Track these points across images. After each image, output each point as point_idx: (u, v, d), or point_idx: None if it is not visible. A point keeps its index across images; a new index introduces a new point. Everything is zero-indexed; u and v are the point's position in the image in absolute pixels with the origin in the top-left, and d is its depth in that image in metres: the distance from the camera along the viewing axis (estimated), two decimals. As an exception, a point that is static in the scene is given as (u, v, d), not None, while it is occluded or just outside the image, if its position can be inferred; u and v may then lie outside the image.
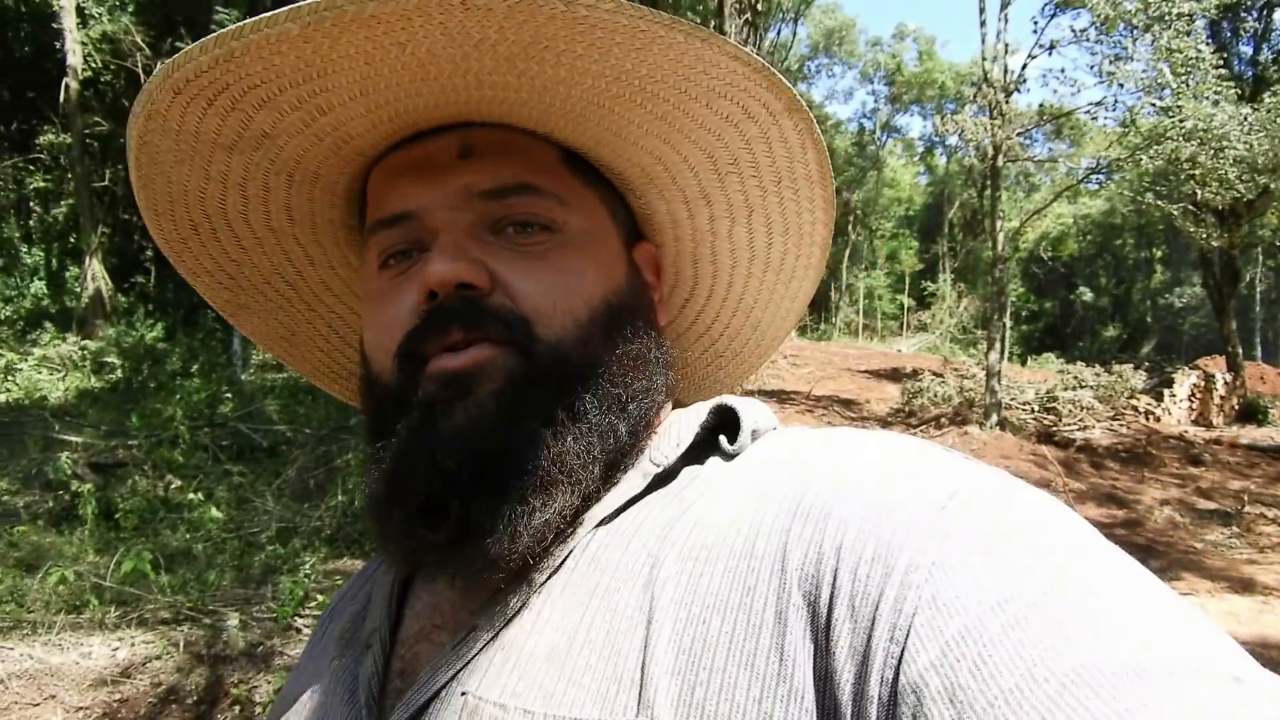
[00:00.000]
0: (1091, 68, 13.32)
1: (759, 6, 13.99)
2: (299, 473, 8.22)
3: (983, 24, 14.29)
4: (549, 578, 0.59)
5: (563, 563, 0.59)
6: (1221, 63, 12.54)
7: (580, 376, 0.62)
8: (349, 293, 0.82)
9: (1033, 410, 14.89)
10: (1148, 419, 15.10)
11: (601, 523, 0.61)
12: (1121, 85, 12.88)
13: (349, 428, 9.81)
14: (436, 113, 0.63)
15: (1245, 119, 11.48)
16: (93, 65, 16.01)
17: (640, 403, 0.64)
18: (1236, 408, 16.94)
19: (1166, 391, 16.15)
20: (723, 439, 0.63)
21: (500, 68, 0.57)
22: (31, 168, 17.54)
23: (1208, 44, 12.57)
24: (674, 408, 0.72)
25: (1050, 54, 13.57)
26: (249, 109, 0.60)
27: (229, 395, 11.31)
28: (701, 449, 0.64)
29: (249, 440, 9.36)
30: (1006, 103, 13.58)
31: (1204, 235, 15.17)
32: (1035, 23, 13.63)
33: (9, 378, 11.55)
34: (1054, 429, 13.80)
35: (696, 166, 0.68)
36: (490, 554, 0.57)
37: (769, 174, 0.68)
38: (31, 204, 17.67)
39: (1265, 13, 17.53)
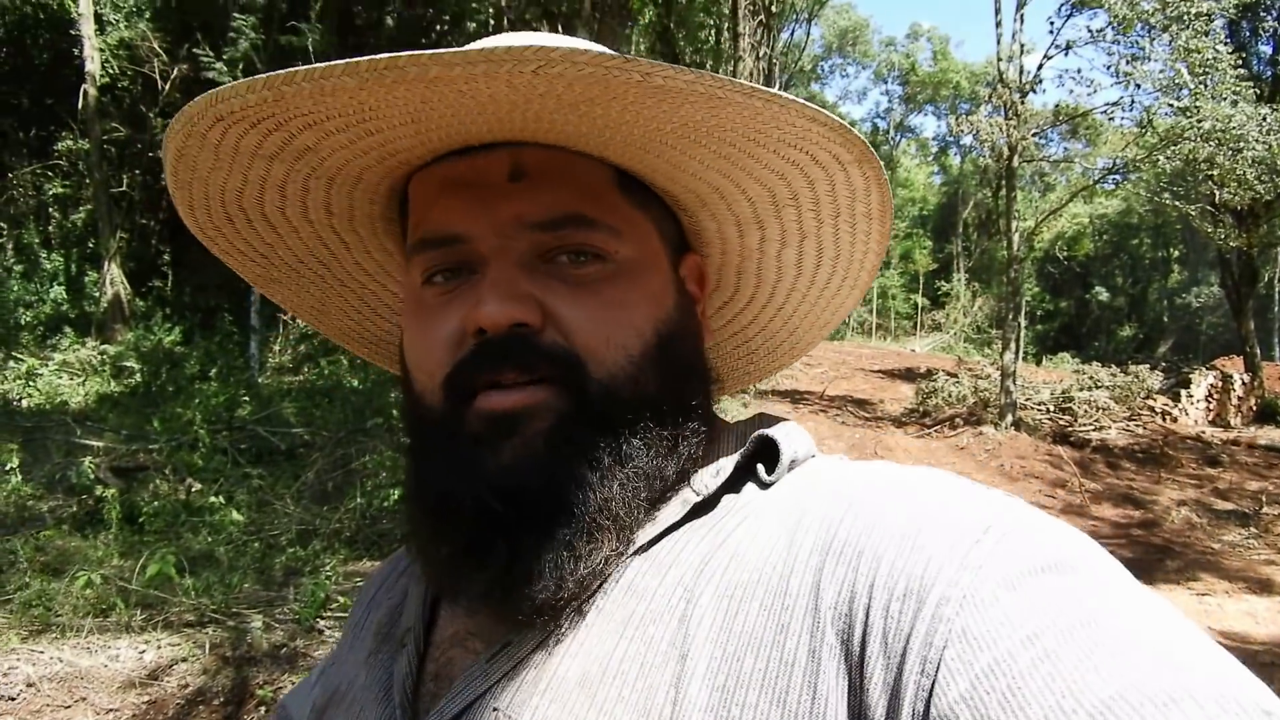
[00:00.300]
0: (1108, 68, 13.25)
1: (773, 8, 13.99)
2: (317, 475, 8.28)
3: (998, 24, 14.25)
4: (583, 603, 0.59)
5: (598, 588, 0.59)
6: (1240, 63, 12.45)
7: (631, 417, 0.61)
8: (381, 272, 0.81)
9: (1048, 410, 14.82)
10: (1164, 419, 15.01)
11: (638, 550, 0.60)
12: (1139, 85, 12.81)
13: (365, 430, 9.88)
14: (488, 135, 0.61)
15: (1264, 119, 11.40)
16: (110, 72, 16.15)
17: (689, 442, 0.64)
18: (1254, 408, 16.81)
19: (1183, 392, 16.05)
20: (761, 469, 0.63)
21: (563, 110, 0.56)
22: (50, 174, 17.69)
23: (1226, 44, 12.47)
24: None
25: (1066, 54, 13.50)
26: (293, 130, 0.59)
27: (246, 399, 11.39)
28: (739, 475, 0.64)
29: (267, 443, 9.44)
30: (1022, 103, 13.54)
31: (1222, 236, 15.07)
32: (1051, 23, 13.56)
33: (31, 383, 11.66)
34: (1069, 429, 13.74)
35: (754, 197, 0.67)
36: (537, 600, 0.57)
37: (828, 209, 0.67)
38: (50, 210, 17.83)
39: (1283, 11, 17.39)
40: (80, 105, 15.34)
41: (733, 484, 0.63)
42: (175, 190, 0.66)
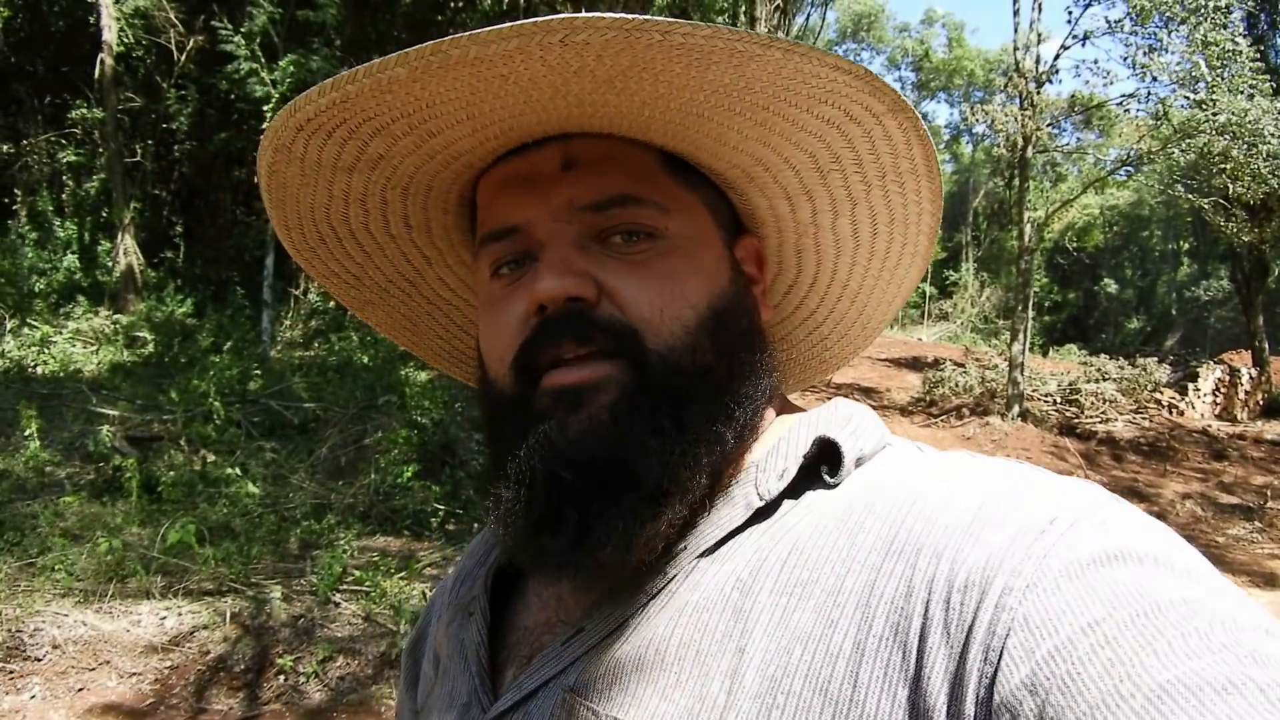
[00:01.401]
0: (1125, 59, 13.18)
1: (790, -8, 13.93)
2: (331, 450, 8.36)
3: (1016, 12, 14.17)
4: (653, 597, 0.62)
5: (665, 586, 0.62)
6: (1258, 55, 12.38)
7: (691, 386, 0.63)
8: (464, 287, 0.85)
9: (1055, 402, 14.85)
10: (1171, 413, 15.03)
11: (704, 553, 0.62)
12: (1155, 77, 12.75)
13: (378, 407, 9.94)
14: (539, 128, 0.64)
15: (1280, 113, 11.36)
16: (125, 41, 16.13)
17: (746, 409, 0.66)
18: (1261, 403, 16.81)
19: (1190, 385, 16.06)
20: (824, 470, 0.63)
21: (600, 88, 0.59)
22: (64, 141, 17.70)
23: (1245, 36, 12.40)
24: (775, 403, 0.73)
25: (1083, 45, 13.43)
26: (364, 137, 0.64)
27: (258, 372, 11.46)
28: (804, 476, 0.64)
29: (280, 417, 9.51)
30: (1038, 93, 13.48)
31: (1234, 230, 15.03)
32: (1069, 12, 13.49)
33: (45, 350, 11.74)
34: (1076, 421, 13.77)
35: (798, 165, 0.68)
36: (605, 562, 0.60)
37: (873, 169, 0.67)
38: (64, 178, 17.86)
39: (1304, 5, 17.25)
40: (97, 74, 15.32)
41: (796, 487, 0.63)
42: (271, 210, 0.72)
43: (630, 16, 0.51)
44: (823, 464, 0.64)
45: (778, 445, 0.66)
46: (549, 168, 0.66)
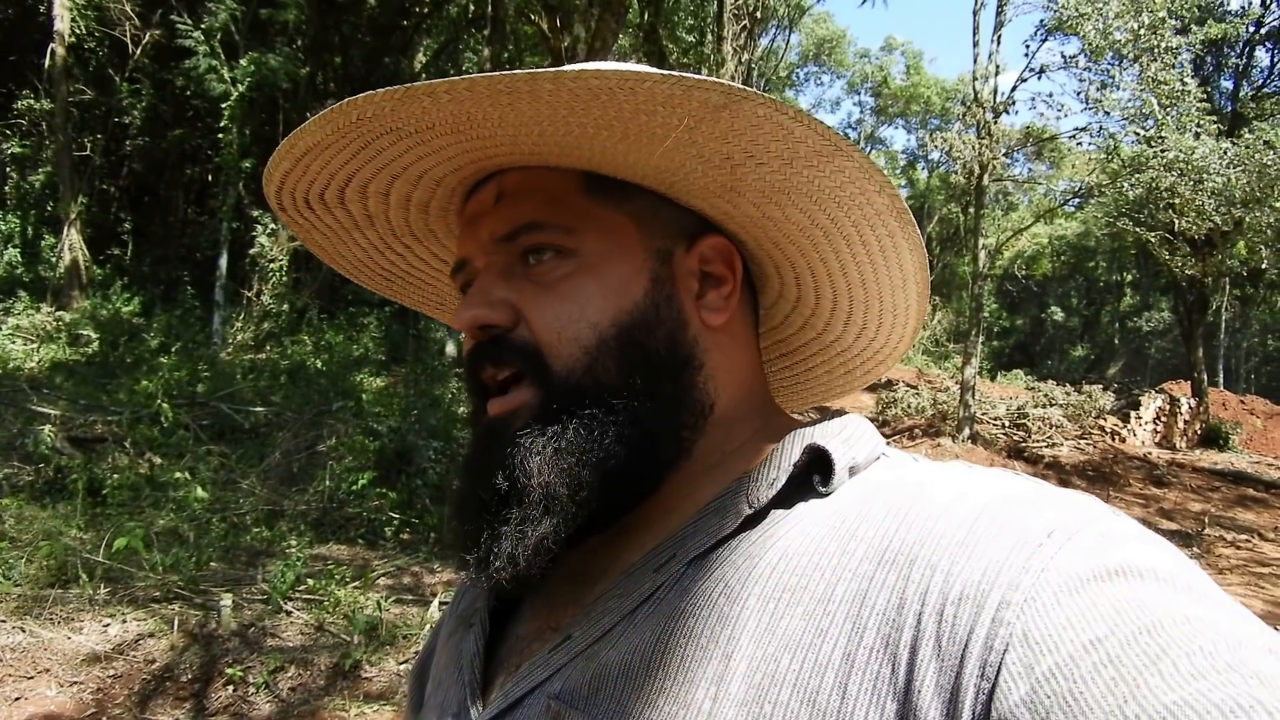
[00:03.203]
0: (1078, 94, 13.57)
1: (757, 14, 14.08)
2: (283, 456, 8.18)
3: (975, 44, 14.50)
4: (640, 604, 0.62)
5: (653, 593, 0.62)
6: (1205, 97, 12.83)
7: (588, 404, 0.64)
8: None
9: (1004, 425, 15.15)
10: (1114, 439, 15.43)
11: (693, 559, 0.62)
12: (1107, 113, 13.14)
13: (332, 412, 9.77)
14: (473, 170, 0.70)
15: (1225, 152, 11.77)
16: (77, 31, 15.74)
17: (653, 424, 0.66)
18: (1199, 432, 17.34)
19: (1133, 413, 16.51)
20: (816, 479, 0.63)
21: (497, 136, 0.62)
22: (9, 132, 17.19)
23: (1193, 78, 12.85)
24: (770, 415, 0.73)
25: (1039, 78, 13.81)
26: (343, 205, 0.74)
27: (207, 374, 11.21)
28: (796, 485, 0.63)
29: (229, 420, 9.29)
30: (994, 123, 13.80)
31: (1178, 264, 15.51)
32: (1027, 46, 13.87)
33: (-17, 346, 11.36)
34: (1024, 445, 14.07)
35: (710, 165, 0.64)
36: (496, 576, 0.63)
37: (776, 160, 0.63)
38: (8, 170, 17.33)
39: (1247, 50, 17.97)
40: (46, 64, 14.92)
41: (788, 496, 0.63)
42: (330, 264, 0.85)
43: (494, 75, 0.54)
44: (815, 473, 0.63)
45: (770, 456, 0.66)
46: (486, 203, 0.70)
